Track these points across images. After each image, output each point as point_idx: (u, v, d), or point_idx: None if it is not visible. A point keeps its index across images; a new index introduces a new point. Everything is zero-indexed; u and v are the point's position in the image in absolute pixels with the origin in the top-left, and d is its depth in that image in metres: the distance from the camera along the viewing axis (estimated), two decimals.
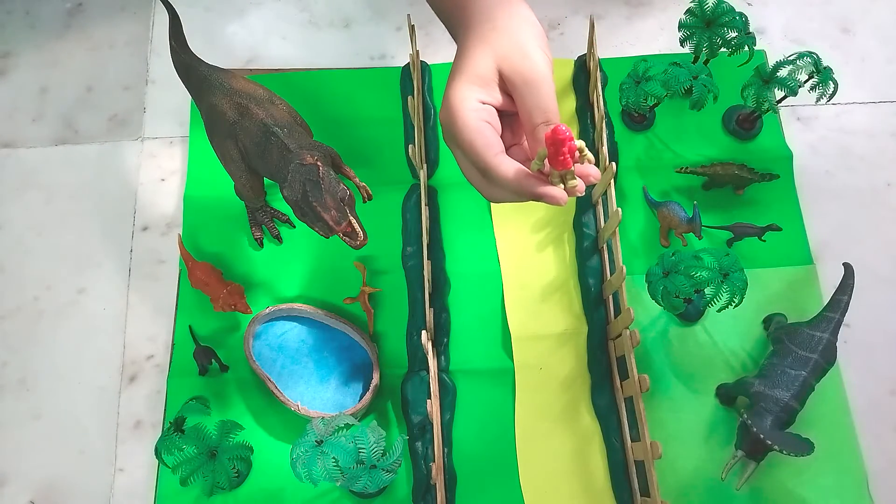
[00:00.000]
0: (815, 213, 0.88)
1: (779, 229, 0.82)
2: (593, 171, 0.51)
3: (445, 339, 0.82)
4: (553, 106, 0.52)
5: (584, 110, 0.92)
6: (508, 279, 0.85)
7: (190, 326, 0.83)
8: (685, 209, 0.84)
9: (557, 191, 0.50)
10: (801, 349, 0.73)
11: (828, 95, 0.80)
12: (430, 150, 0.91)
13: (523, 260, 0.86)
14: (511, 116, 0.56)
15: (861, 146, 0.92)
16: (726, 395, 0.79)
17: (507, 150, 0.55)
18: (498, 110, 0.55)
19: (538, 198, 0.51)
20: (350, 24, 1.00)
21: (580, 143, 0.48)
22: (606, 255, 0.83)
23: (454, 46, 0.58)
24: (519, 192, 0.51)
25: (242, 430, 0.73)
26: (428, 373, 0.77)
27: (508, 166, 0.51)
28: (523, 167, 0.51)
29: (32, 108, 0.96)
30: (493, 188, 0.54)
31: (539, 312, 0.83)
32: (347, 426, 0.68)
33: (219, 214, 0.88)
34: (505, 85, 0.54)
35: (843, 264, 0.78)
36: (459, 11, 0.58)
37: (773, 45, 0.97)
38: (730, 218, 0.86)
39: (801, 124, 0.93)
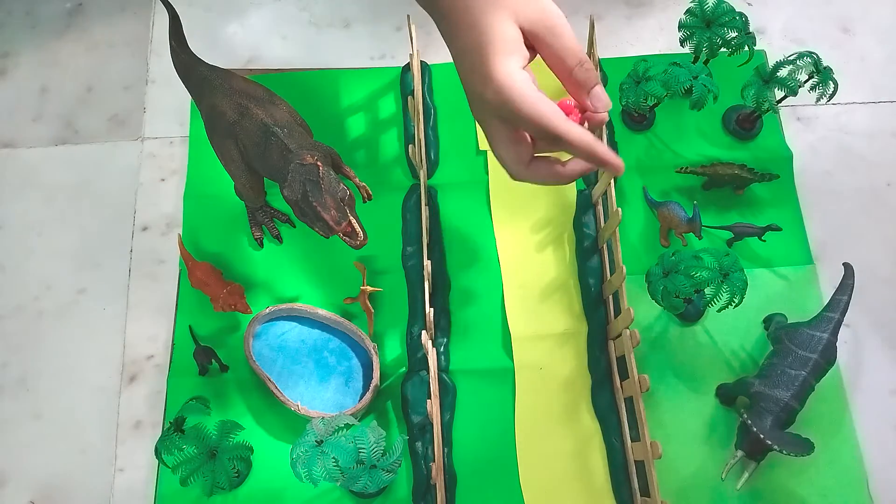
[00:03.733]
0: (815, 213, 0.88)
1: (779, 229, 0.82)
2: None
3: (445, 339, 0.82)
4: (578, 46, 0.52)
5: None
6: (508, 279, 0.85)
7: (190, 326, 0.83)
8: (685, 209, 0.84)
9: (619, 160, 0.53)
10: (801, 349, 0.73)
11: (828, 95, 0.80)
12: (430, 150, 0.91)
13: (523, 260, 0.86)
14: None
15: (861, 146, 0.92)
16: (726, 395, 0.79)
17: None
18: None
19: (603, 163, 0.52)
20: (350, 24, 1.00)
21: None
22: (606, 255, 0.83)
23: None
24: (590, 156, 0.52)
25: (242, 430, 0.73)
26: (428, 373, 0.77)
27: (580, 130, 0.51)
28: (588, 131, 0.52)
29: (32, 108, 0.96)
30: (531, 167, 0.54)
31: (539, 312, 0.83)
32: (347, 426, 0.68)
33: (219, 214, 0.88)
34: (527, 40, 0.53)
35: (843, 264, 0.78)
36: None
37: (773, 45, 0.97)
38: (730, 218, 0.86)
39: (801, 124, 0.93)
